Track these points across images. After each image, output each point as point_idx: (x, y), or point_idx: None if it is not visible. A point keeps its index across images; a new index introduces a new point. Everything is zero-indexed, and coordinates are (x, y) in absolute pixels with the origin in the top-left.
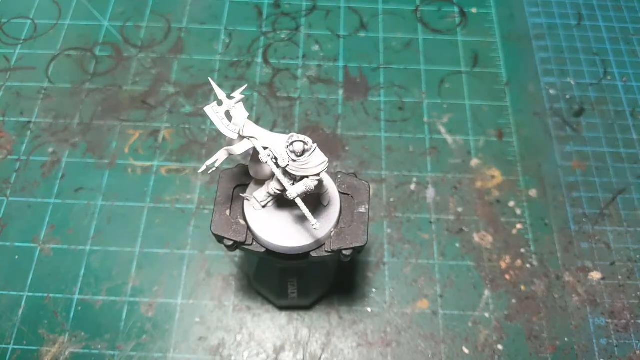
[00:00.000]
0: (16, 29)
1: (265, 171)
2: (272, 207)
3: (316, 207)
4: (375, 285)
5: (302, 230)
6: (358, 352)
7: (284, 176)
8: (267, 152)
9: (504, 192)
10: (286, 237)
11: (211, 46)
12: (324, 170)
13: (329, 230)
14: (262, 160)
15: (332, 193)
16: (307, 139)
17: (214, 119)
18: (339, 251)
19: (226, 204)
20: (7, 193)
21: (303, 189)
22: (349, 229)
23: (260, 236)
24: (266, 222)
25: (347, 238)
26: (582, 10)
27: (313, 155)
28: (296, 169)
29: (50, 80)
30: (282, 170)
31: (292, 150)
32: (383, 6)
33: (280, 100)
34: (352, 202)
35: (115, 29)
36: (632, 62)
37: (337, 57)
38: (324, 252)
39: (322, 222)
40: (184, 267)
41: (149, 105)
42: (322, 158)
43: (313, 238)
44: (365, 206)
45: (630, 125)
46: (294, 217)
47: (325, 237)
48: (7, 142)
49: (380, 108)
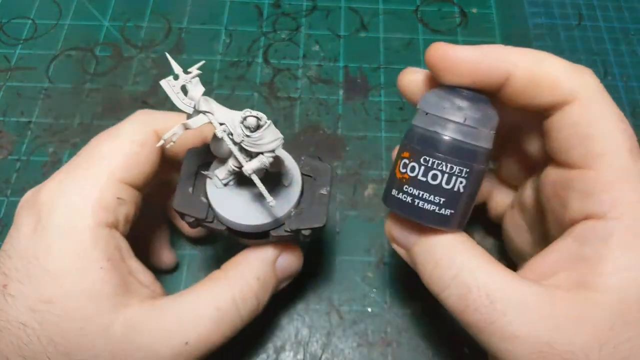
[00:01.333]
0: (16, 29)
1: (223, 149)
2: (234, 186)
3: (277, 187)
4: (376, 286)
5: (261, 209)
6: (359, 352)
7: (239, 152)
8: (223, 128)
9: None
10: (246, 215)
11: (212, 46)
12: (278, 146)
13: (288, 210)
14: (218, 135)
15: (294, 174)
16: (261, 114)
17: (169, 93)
18: (298, 231)
19: (189, 182)
20: (7, 193)
21: (258, 164)
22: (309, 209)
23: (220, 214)
24: (227, 200)
25: (307, 218)
26: (583, 10)
27: (267, 131)
28: (250, 145)
29: (50, 80)
30: (238, 147)
31: (246, 125)
32: (383, 6)
33: (280, 101)
34: (314, 183)
35: (115, 29)
36: (633, 62)
37: (337, 57)
38: (283, 232)
39: (282, 202)
40: (184, 267)
41: (150, 105)
42: (276, 134)
43: (272, 217)
44: (326, 188)
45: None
46: (254, 196)
47: (285, 217)
48: (8, 142)
49: (380, 108)
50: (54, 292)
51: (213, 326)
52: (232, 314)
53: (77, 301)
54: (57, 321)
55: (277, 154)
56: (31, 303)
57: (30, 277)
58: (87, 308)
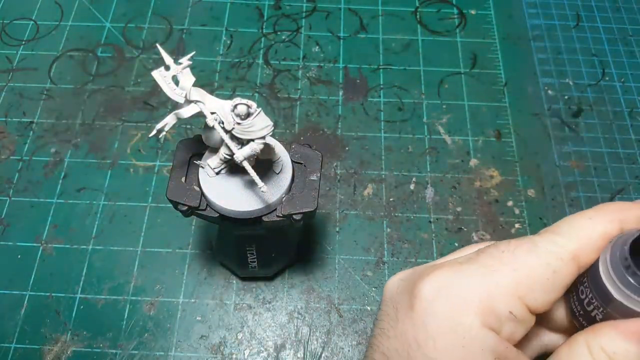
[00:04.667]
0: (18, 30)
1: (215, 138)
2: (226, 174)
3: (268, 174)
4: (375, 284)
5: (253, 196)
6: (358, 350)
7: (231, 140)
8: (214, 117)
9: (503, 191)
10: (238, 202)
11: (212, 47)
12: (268, 133)
13: (280, 196)
14: (209, 124)
15: (284, 161)
16: (250, 102)
17: (160, 83)
18: (290, 215)
19: (182, 172)
20: (9, 193)
21: (249, 151)
22: (300, 195)
23: (213, 201)
24: (219, 188)
25: (298, 203)
26: (581, 11)
27: (257, 118)
28: (241, 132)
29: (52, 81)
30: (229, 135)
31: (236, 113)
32: (383, 7)
33: (281, 101)
34: (305, 170)
35: (117, 30)
36: (630, 63)
37: (337, 58)
38: (275, 217)
39: (274, 188)
40: (186, 266)
41: (151, 105)
42: (266, 122)
43: (264, 203)
44: (316, 174)
45: (629, 126)
46: (246, 183)
47: (277, 203)
48: (10, 142)
49: (380, 108)
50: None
51: None
52: None
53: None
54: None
55: (268, 142)
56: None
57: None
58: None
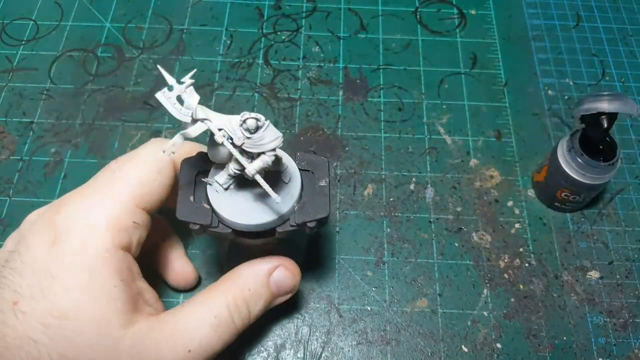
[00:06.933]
0: (18, 30)
1: (222, 154)
2: (234, 189)
3: (277, 184)
4: (375, 284)
5: (265, 208)
6: (358, 350)
7: (241, 155)
8: (222, 133)
9: (503, 191)
10: (250, 216)
11: (212, 47)
12: (279, 145)
13: (292, 205)
14: (218, 141)
15: (292, 170)
16: (259, 115)
17: (165, 105)
18: (304, 224)
19: (189, 190)
20: (9, 193)
21: (261, 164)
22: (311, 202)
23: (225, 217)
24: (229, 204)
25: (310, 211)
26: (581, 11)
27: (267, 130)
28: (252, 146)
29: (52, 81)
30: (239, 150)
31: (245, 127)
32: (383, 7)
33: (280, 101)
34: (312, 177)
35: (117, 30)
36: (630, 63)
37: (337, 58)
38: (289, 227)
39: (285, 198)
40: None
41: (151, 106)
42: (276, 133)
43: (277, 214)
44: (325, 179)
45: (629, 126)
46: (256, 196)
47: (289, 212)
48: (10, 142)
49: (380, 109)
50: (69, 307)
51: (212, 333)
52: (227, 321)
53: (91, 316)
54: (69, 336)
55: (277, 153)
56: (43, 319)
57: (44, 293)
58: (99, 323)
